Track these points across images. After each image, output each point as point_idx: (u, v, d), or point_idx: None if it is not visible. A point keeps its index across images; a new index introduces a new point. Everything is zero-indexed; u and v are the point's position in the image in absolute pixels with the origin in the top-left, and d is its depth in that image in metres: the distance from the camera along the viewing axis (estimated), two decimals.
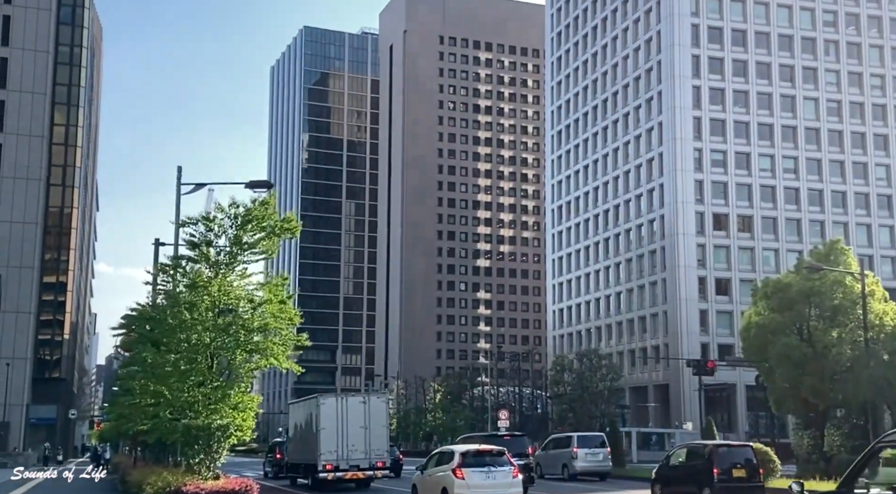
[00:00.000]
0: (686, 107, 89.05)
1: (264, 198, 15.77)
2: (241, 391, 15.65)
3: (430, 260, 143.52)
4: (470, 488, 20.97)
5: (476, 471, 21.28)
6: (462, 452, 22.23)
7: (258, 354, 15.72)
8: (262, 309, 15.30)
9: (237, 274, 15.79)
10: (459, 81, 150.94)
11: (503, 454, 22.62)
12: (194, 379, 15.40)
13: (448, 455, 22.62)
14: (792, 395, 40.22)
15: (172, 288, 16.70)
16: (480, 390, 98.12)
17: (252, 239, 15.51)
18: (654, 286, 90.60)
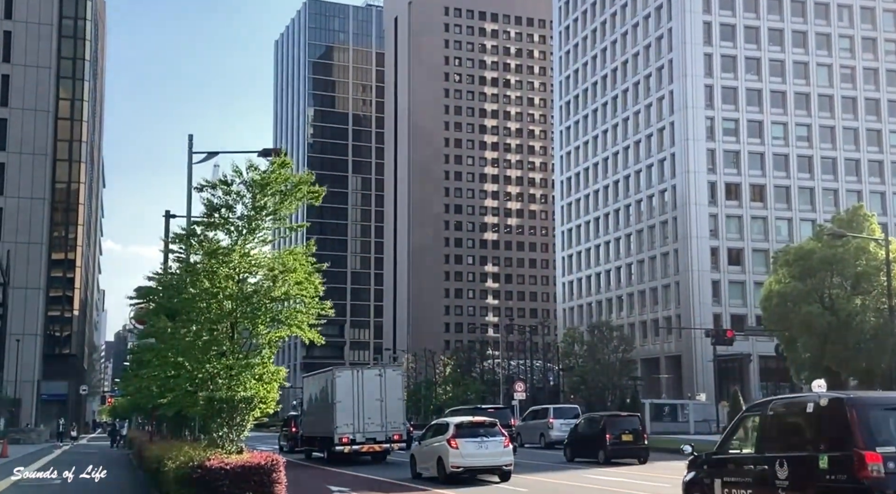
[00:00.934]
0: (697, 75, 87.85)
1: (283, 160, 15.05)
2: (264, 362, 15.03)
3: (437, 234, 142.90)
4: (464, 457, 22.23)
5: (470, 441, 22.48)
6: (457, 424, 23.57)
7: (281, 323, 15.08)
8: (284, 277, 14.62)
9: (258, 240, 15.10)
10: (465, 53, 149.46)
11: (495, 425, 23.86)
12: (216, 349, 14.77)
13: (444, 427, 23.87)
14: (814, 364, 39.70)
15: (187, 256, 16.00)
16: (491, 363, 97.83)
17: (271, 202, 14.81)
18: (666, 257, 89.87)
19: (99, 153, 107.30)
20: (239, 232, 14.81)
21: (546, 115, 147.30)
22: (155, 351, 15.97)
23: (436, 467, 22.98)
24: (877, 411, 10.80)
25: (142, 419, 44.61)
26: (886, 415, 10.79)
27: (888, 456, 10.12)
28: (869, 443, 10.23)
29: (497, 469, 22.67)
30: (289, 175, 15.06)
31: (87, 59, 78.35)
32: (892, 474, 10.05)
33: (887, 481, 10.02)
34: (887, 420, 10.71)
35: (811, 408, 11.12)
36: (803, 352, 39.24)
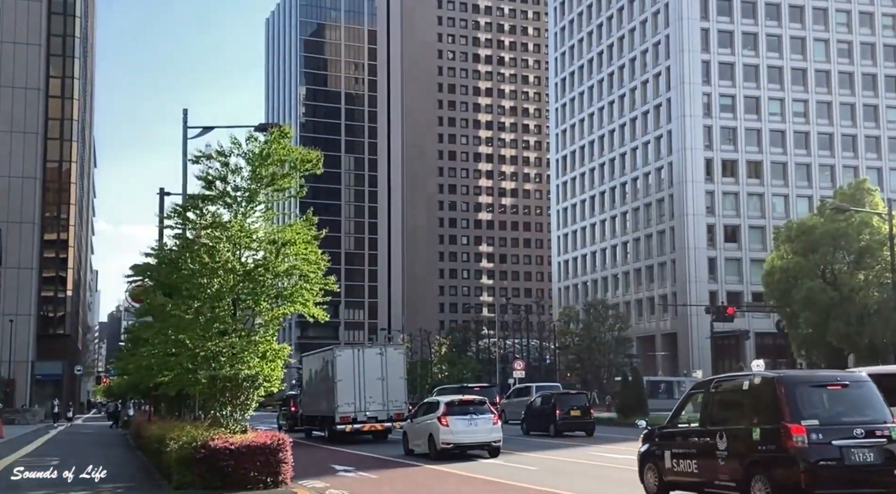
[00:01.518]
0: (694, 51, 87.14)
1: (283, 131, 14.49)
2: (267, 339, 14.54)
3: (432, 214, 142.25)
4: (454, 434, 22.86)
5: (459, 419, 23.10)
6: (447, 402, 24.17)
7: (285, 300, 14.58)
8: (287, 251, 14.10)
9: (259, 214, 14.56)
10: (459, 30, 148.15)
11: (484, 403, 24.56)
12: (218, 327, 14.26)
13: (434, 405, 24.44)
14: (816, 340, 39.46)
15: (183, 231, 15.43)
16: (487, 342, 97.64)
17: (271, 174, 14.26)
18: (662, 234, 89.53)
19: (90, 132, 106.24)
20: (238, 204, 14.27)
21: (541, 93, 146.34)
22: (154, 329, 15.47)
23: (427, 444, 23.51)
24: (804, 388, 11.92)
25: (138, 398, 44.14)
26: (812, 392, 11.95)
27: (811, 429, 11.27)
28: (795, 417, 11.34)
29: (486, 445, 23.31)
30: (290, 146, 14.53)
31: (77, 36, 77.25)
32: (815, 444, 11.22)
33: (810, 450, 11.19)
34: (813, 396, 11.86)
35: (746, 386, 12.29)
36: (805, 328, 38.91)
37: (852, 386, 12.19)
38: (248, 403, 14.01)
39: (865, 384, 12.27)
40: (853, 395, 12.11)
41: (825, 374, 13.36)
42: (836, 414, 11.80)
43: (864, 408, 11.92)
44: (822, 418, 11.51)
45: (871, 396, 12.08)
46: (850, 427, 11.51)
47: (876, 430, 11.53)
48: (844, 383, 12.24)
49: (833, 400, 12.01)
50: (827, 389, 12.13)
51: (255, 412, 15.04)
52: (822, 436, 11.29)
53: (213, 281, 14.06)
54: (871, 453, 11.41)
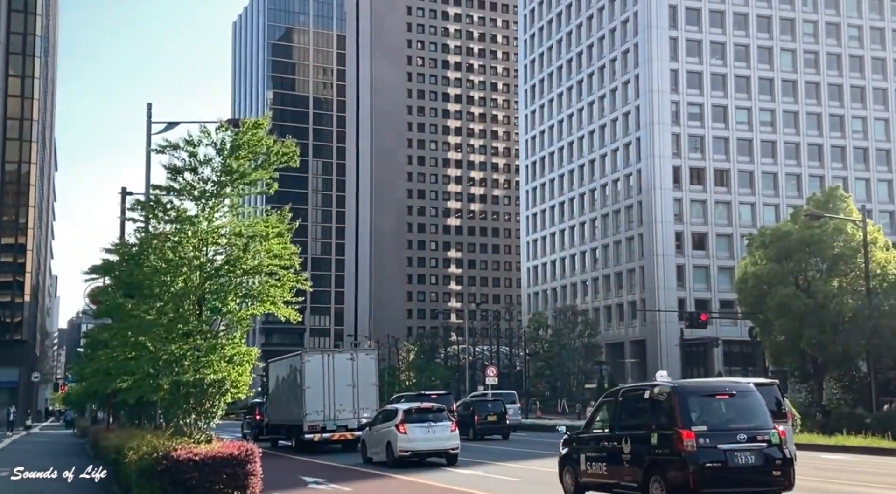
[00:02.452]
0: (663, 59, 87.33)
1: (257, 120, 13.65)
2: (235, 342, 13.64)
3: (400, 219, 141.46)
4: (412, 441, 22.87)
5: (417, 426, 23.17)
6: (405, 409, 24.12)
7: (254, 299, 13.70)
8: (255, 246, 13.22)
9: (228, 208, 13.67)
10: (428, 37, 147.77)
11: (443, 411, 24.79)
12: (182, 328, 13.34)
13: (392, 413, 24.34)
14: (789, 348, 39.15)
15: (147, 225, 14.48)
16: (456, 348, 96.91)
17: (243, 166, 13.39)
18: (631, 241, 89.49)
19: (51, 134, 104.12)
20: (206, 198, 13.37)
21: (510, 100, 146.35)
22: (112, 331, 14.52)
23: (385, 451, 23.36)
24: (695, 397, 13.19)
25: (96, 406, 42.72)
26: (703, 401, 13.18)
27: (700, 434, 12.49)
28: (686, 424, 12.53)
29: (444, 452, 23.38)
30: (265, 137, 13.68)
31: (38, 35, 75.47)
32: (703, 448, 12.43)
33: (699, 453, 12.40)
34: (703, 405, 13.10)
35: (647, 395, 13.49)
36: (778, 335, 38.58)
37: (739, 396, 13.43)
38: (213, 411, 13.11)
39: (751, 394, 13.53)
40: (739, 404, 13.34)
41: (715, 385, 14.89)
42: (723, 421, 13.02)
43: (749, 416, 13.15)
44: (710, 424, 12.70)
45: (756, 405, 13.36)
46: (735, 433, 12.76)
47: (758, 435, 12.78)
48: (732, 393, 13.48)
49: (721, 408, 13.26)
50: (716, 398, 13.35)
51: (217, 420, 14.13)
52: (710, 441, 12.48)
53: (176, 279, 13.15)
54: (753, 456, 12.64)
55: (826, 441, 25.89)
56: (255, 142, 13.54)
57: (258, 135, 13.62)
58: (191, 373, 13.09)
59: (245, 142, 13.47)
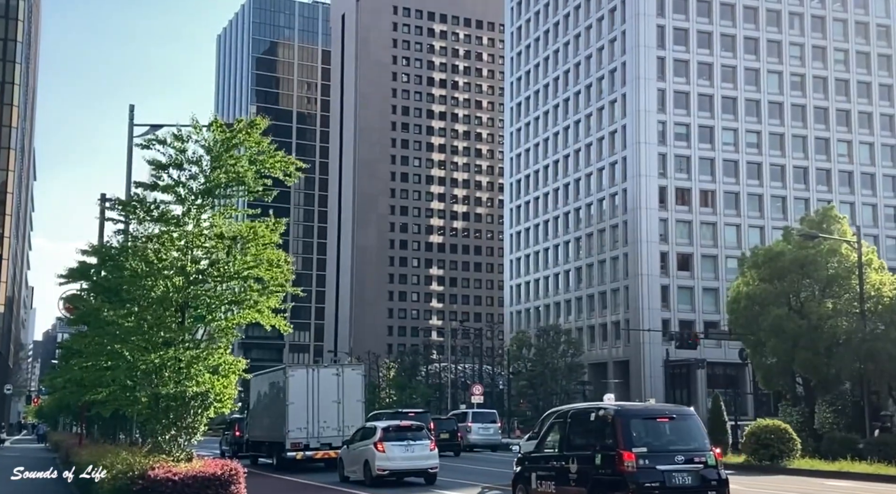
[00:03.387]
0: (650, 79, 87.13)
1: (253, 120, 12.73)
2: (219, 351, 12.65)
3: (382, 236, 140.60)
4: (390, 460, 22.44)
5: (396, 445, 22.71)
6: (383, 428, 23.72)
7: (240, 306, 12.73)
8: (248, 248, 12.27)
9: (217, 211, 12.71)
10: (413, 53, 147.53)
11: (422, 429, 24.37)
12: (163, 335, 12.35)
13: (371, 431, 23.80)
14: (781, 370, 38.42)
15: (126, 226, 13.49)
16: (437, 366, 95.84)
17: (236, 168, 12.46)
18: (616, 261, 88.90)
19: (30, 142, 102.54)
20: (194, 197, 12.41)
21: (494, 119, 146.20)
22: (87, 339, 13.51)
23: (362, 470, 22.99)
24: (636, 420, 13.74)
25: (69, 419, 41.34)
26: (643, 424, 13.74)
27: (640, 455, 13.03)
28: (627, 445, 13.09)
29: (423, 472, 23.02)
30: (260, 139, 12.76)
31: (19, 41, 74.25)
32: (643, 469, 12.97)
33: (638, 474, 12.93)
34: (643, 427, 13.65)
35: (593, 417, 14.12)
36: (770, 357, 37.85)
37: (678, 419, 14.08)
38: (195, 426, 12.12)
39: (690, 417, 14.17)
40: (679, 427, 13.96)
41: (656, 408, 15.59)
42: (663, 443, 13.61)
43: (687, 438, 13.75)
44: (651, 446, 13.27)
45: (695, 427, 14.00)
46: (673, 454, 13.35)
47: (695, 457, 13.37)
48: (672, 416, 14.19)
49: (661, 430, 13.87)
50: (656, 421, 14.00)
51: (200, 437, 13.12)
52: (649, 462, 13.03)
53: (158, 284, 12.17)
54: (690, 476, 13.19)
55: (828, 467, 25.02)
56: (250, 143, 12.63)
57: (254, 136, 12.72)
58: (171, 385, 12.11)
59: (239, 141, 12.55)
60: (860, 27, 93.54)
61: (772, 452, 25.04)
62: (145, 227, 12.82)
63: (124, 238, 13.46)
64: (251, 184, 12.78)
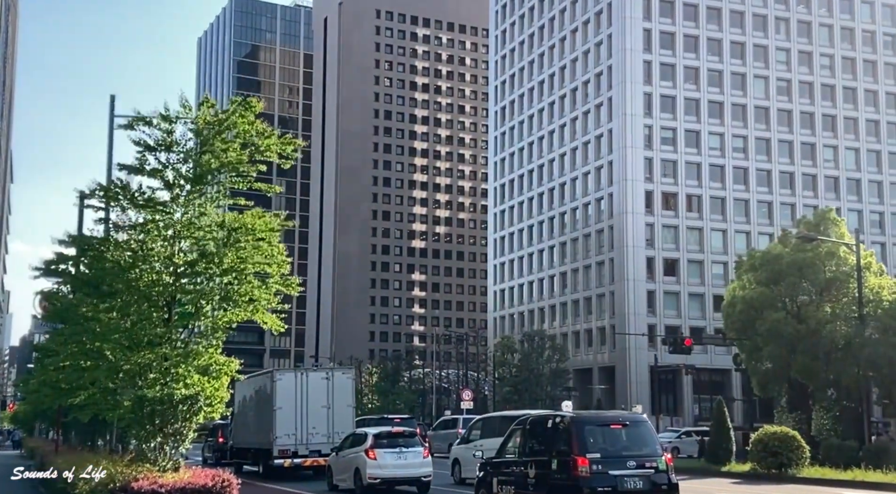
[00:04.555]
0: (636, 82, 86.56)
1: (248, 101, 11.65)
2: (210, 350, 11.54)
3: (364, 241, 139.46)
4: (382, 468, 21.73)
5: (388, 452, 22.00)
6: (375, 434, 22.88)
7: (233, 303, 11.62)
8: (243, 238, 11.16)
9: (208, 199, 11.60)
10: (396, 57, 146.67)
11: (415, 435, 23.62)
12: (148, 333, 11.23)
13: (361, 437, 23.05)
14: (778, 375, 37.66)
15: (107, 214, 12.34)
16: (420, 372, 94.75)
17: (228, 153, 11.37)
18: (601, 266, 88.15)
19: (7, 145, 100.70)
20: (183, 181, 11.31)
21: (477, 123, 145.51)
22: (64, 336, 12.35)
23: (353, 478, 22.32)
24: (591, 427, 14.38)
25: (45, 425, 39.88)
26: (597, 430, 14.32)
27: (593, 461, 13.54)
28: (581, 450, 13.60)
29: (416, 480, 22.27)
30: (254, 120, 11.67)
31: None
32: (596, 473, 13.51)
33: (592, 479, 13.48)
34: (598, 434, 14.20)
35: (550, 424, 14.73)
36: (766, 362, 37.05)
37: (631, 426, 14.56)
38: (183, 432, 11.02)
39: (643, 423, 14.70)
40: (631, 433, 14.42)
41: (610, 415, 16.35)
42: (616, 449, 14.07)
43: (640, 444, 14.25)
44: (604, 452, 13.77)
45: (646, 433, 14.53)
46: (626, 460, 13.84)
47: (646, 462, 13.88)
48: (625, 423, 14.63)
49: (614, 436, 14.34)
50: (610, 428, 14.53)
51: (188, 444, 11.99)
52: (602, 467, 13.55)
53: (143, 276, 11.06)
54: (641, 481, 13.69)
55: (839, 476, 24.02)
56: (244, 125, 11.54)
57: (248, 117, 11.65)
58: (157, 388, 10.99)
59: (232, 124, 11.47)
60: (846, 33, 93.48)
61: (780, 460, 24.20)
62: (129, 216, 11.70)
63: (105, 227, 12.31)
64: (245, 168, 11.68)
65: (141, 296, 11.33)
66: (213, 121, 11.42)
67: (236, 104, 11.64)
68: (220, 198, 11.97)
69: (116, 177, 12.45)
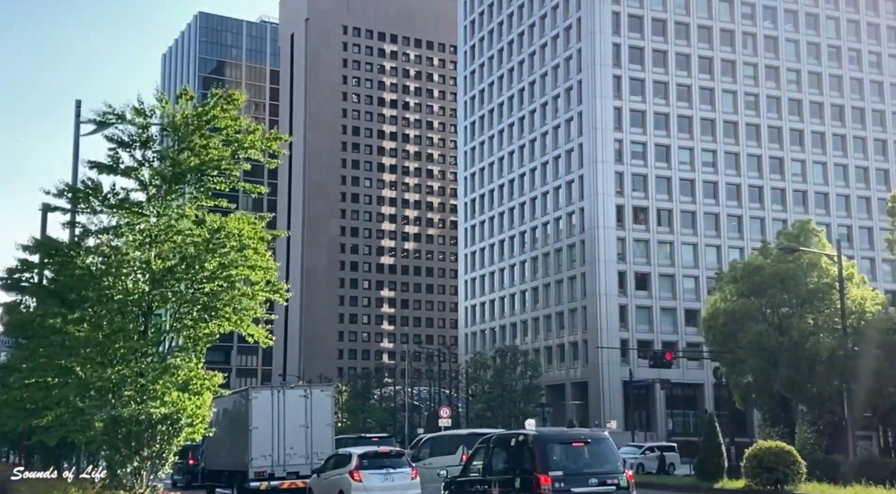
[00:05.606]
0: (606, 97, 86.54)
1: (231, 93, 10.71)
2: (191, 364, 10.52)
3: (333, 257, 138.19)
4: (368, 490, 20.92)
5: (374, 473, 21.17)
6: (360, 454, 21.94)
7: (215, 313, 10.61)
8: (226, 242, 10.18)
9: (188, 200, 10.61)
10: (364, 73, 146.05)
11: (402, 455, 22.81)
12: (122, 346, 10.18)
13: (345, 458, 22.05)
14: (760, 389, 37.10)
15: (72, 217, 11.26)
16: (392, 390, 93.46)
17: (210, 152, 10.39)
18: (573, 280, 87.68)
19: None
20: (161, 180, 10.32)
21: (445, 139, 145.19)
22: (28, 351, 11.25)
23: None
24: (553, 445, 14.49)
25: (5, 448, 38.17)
26: (559, 448, 14.47)
27: (556, 478, 13.67)
28: (544, 469, 13.71)
29: None
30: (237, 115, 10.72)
31: None
32: (558, 491, 13.59)
33: None
34: (560, 452, 14.36)
35: (513, 443, 14.87)
36: (749, 375, 36.47)
37: (593, 443, 14.78)
38: (163, 455, 9.96)
39: (605, 441, 14.94)
40: (593, 450, 14.63)
41: (573, 433, 16.79)
42: (578, 466, 14.27)
43: (601, 461, 14.46)
44: (566, 469, 13.94)
45: (608, 451, 14.73)
46: (587, 477, 14.06)
47: (608, 479, 14.08)
48: (587, 440, 14.88)
49: (576, 454, 14.53)
50: (572, 446, 14.72)
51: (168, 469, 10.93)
52: (564, 484, 13.70)
53: (117, 284, 10.03)
54: None
55: (840, 493, 23.30)
56: (226, 120, 10.58)
57: (230, 112, 10.70)
58: (133, 406, 9.95)
59: (212, 118, 10.50)
60: (812, 48, 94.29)
61: (776, 476, 23.48)
62: (101, 219, 10.66)
63: (71, 232, 11.24)
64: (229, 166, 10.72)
65: (114, 306, 10.29)
66: (192, 116, 10.45)
67: (217, 97, 10.67)
68: (201, 199, 10.97)
69: (87, 177, 11.40)
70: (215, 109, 10.68)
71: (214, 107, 10.69)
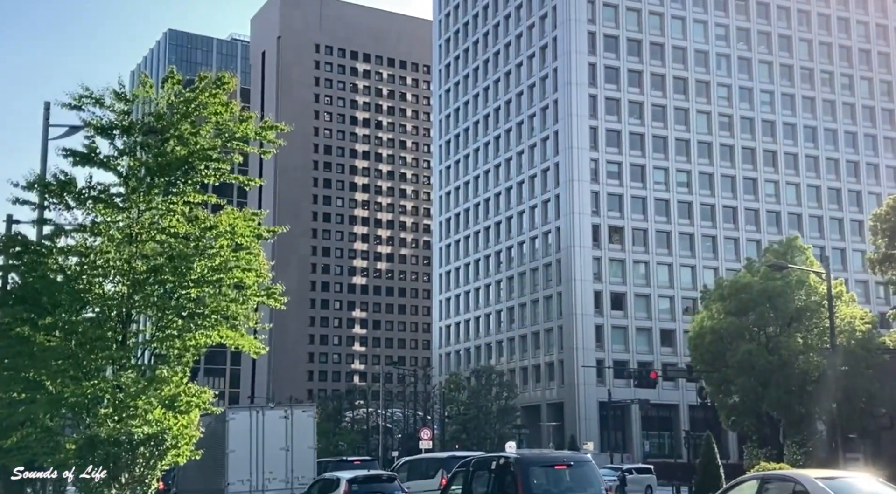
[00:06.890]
0: (582, 116, 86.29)
1: (221, 76, 9.68)
2: (176, 377, 9.40)
3: (303, 277, 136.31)
4: None
5: None
6: (349, 479, 20.69)
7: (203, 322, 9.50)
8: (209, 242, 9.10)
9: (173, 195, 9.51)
10: (336, 92, 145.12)
11: (394, 479, 21.69)
12: (99, 357, 9.04)
13: (333, 483, 20.79)
14: (748, 409, 36.35)
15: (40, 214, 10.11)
16: (364, 412, 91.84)
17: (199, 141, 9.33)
18: (549, 300, 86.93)
19: None
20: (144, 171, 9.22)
21: (419, 159, 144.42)
22: None
23: None
24: (535, 467, 14.36)
25: None
26: (542, 471, 14.35)
27: None
28: (526, 491, 13.54)
29: None
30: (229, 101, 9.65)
31: None
32: None
33: None
34: (541, 474, 14.26)
35: (494, 466, 14.65)
36: (736, 395, 35.71)
37: (575, 466, 14.73)
38: (145, 481, 8.82)
39: (587, 463, 14.96)
40: (576, 473, 14.53)
41: (555, 456, 16.86)
42: (561, 489, 14.16)
43: (584, 484, 14.28)
44: (548, 492, 13.92)
45: (590, 473, 14.63)
46: None
47: None
48: (569, 463, 14.84)
49: (559, 477, 14.41)
50: (554, 468, 14.63)
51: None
52: None
53: (93, 287, 8.90)
54: None
55: None
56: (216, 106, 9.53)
57: (221, 98, 9.65)
58: (110, 425, 8.80)
59: (204, 102, 9.44)
60: (784, 69, 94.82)
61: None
62: (74, 215, 9.53)
63: (39, 229, 10.09)
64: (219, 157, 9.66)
65: (90, 312, 9.15)
66: (179, 102, 9.39)
67: (206, 81, 9.63)
68: (189, 194, 9.88)
69: (59, 170, 10.25)
70: (204, 94, 9.62)
71: (203, 92, 9.63)
